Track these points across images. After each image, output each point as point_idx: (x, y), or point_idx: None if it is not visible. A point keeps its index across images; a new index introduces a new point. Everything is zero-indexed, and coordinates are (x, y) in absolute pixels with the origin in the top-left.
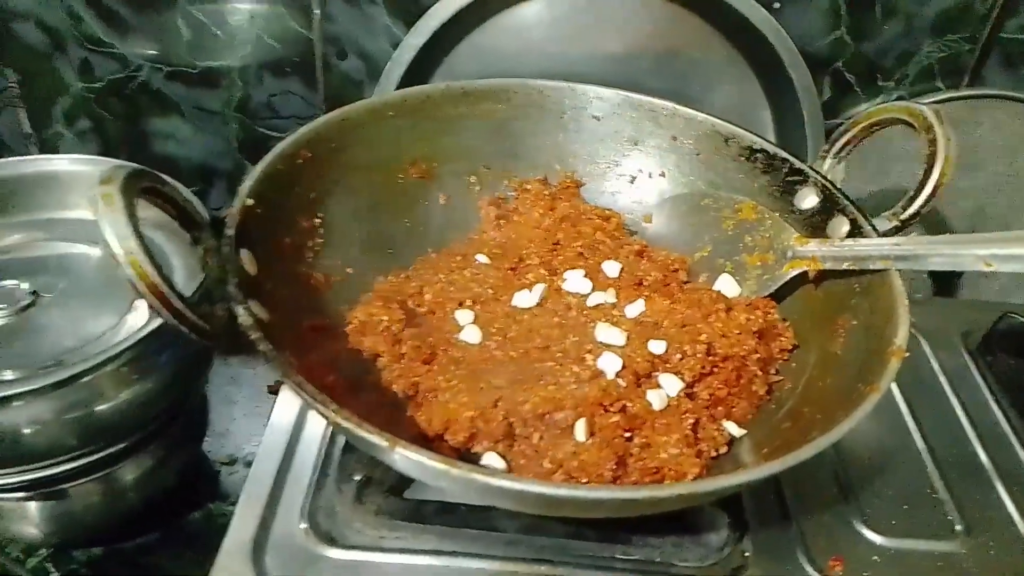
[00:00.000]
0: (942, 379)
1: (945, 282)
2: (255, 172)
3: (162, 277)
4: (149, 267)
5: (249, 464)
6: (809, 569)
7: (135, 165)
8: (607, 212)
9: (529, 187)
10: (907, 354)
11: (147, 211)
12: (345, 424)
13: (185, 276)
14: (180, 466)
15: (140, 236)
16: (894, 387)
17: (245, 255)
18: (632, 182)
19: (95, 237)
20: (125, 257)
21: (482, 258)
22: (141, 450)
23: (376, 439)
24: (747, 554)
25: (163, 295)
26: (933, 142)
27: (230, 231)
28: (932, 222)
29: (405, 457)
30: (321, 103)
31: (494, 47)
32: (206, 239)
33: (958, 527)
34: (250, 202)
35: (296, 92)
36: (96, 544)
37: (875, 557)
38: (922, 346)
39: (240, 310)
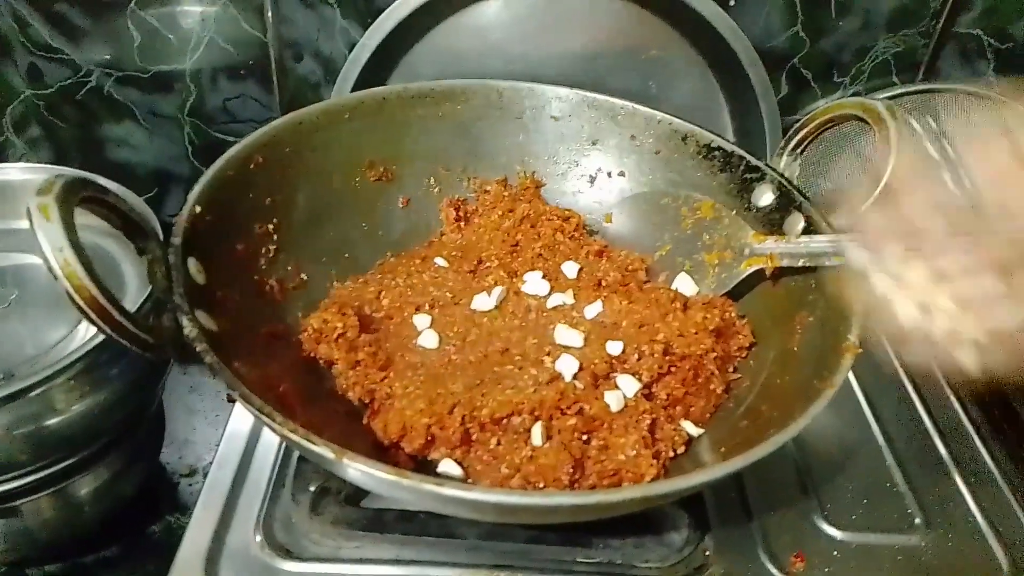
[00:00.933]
0: (902, 374)
1: None
2: (204, 179)
3: (101, 289)
4: (87, 280)
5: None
6: (770, 566)
7: (77, 173)
8: (567, 212)
9: (489, 189)
10: (860, 350)
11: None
12: (291, 436)
13: (139, 286)
14: (138, 478)
15: (78, 247)
16: (854, 382)
17: (193, 264)
18: (592, 182)
19: None
20: (61, 270)
21: (441, 261)
22: (96, 463)
23: (323, 450)
24: (708, 553)
25: (102, 308)
26: (887, 137)
27: (176, 240)
28: None
29: (354, 468)
30: (278, 106)
31: (452, 47)
32: (152, 248)
33: (917, 520)
34: (198, 209)
35: (252, 96)
36: (52, 561)
37: (836, 552)
38: (882, 341)
39: (185, 320)
